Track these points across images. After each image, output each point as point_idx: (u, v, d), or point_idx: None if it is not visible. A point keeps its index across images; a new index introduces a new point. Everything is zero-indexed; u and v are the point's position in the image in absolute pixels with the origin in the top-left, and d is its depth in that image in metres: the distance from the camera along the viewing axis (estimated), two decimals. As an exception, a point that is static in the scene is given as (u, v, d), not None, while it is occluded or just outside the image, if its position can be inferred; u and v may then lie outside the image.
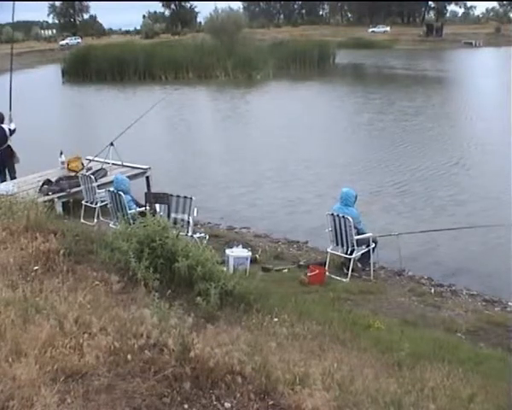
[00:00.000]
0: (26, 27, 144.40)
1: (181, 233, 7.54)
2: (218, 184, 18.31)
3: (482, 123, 27.38)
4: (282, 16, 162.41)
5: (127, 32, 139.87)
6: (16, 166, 15.56)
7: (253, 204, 16.23)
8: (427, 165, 19.68)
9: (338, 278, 10.53)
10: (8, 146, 15.32)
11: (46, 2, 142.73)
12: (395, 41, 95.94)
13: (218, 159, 22.22)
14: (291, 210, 15.55)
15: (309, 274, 10.05)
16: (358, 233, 10.72)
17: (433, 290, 10.41)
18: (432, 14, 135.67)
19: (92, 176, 13.96)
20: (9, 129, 15.30)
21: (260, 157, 21.80)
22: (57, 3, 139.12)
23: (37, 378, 3.87)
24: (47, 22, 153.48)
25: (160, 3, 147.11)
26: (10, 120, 15.32)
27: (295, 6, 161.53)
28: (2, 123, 15.32)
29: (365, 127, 27.65)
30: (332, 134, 26.45)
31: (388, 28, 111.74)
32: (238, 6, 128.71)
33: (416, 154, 21.68)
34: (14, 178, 15.42)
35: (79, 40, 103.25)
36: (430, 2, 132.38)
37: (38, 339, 4.27)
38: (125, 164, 15.97)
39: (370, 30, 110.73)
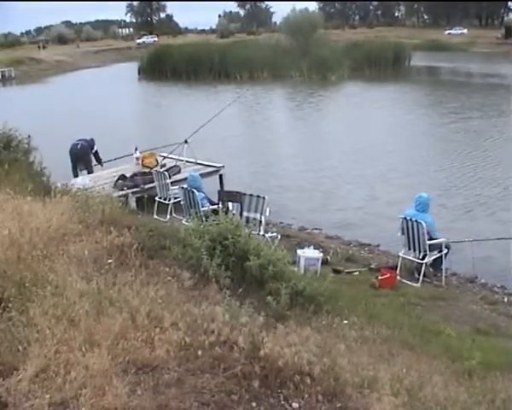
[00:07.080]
0: (105, 26, 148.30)
1: (253, 232, 7.56)
2: (291, 184, 18.25)
3: None
4: (357, 17, 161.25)
5: (202, 31, 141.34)
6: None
7: (326, 206, 16.11)
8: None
9: (409, 282, 10.36)
10: (88, 154, 15.95)
11: (124, 2, 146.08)
12: (472, 44, 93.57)
13: (293, 160, 22.08)
14: (365, 213, 15.36)
15: (380, 278, 9.93)
16: (431, 239, 10.51)
17: (506, 299, 10.10)
18: (511, 15, 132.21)
19: (166, 173, 14.15)
20: (96, 152, 16.33)
21: (340, 161, 21.49)
22: (135, 3, 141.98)
23: (109, 369, 3.96)
24: (124, 21, 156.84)
25: (235, 3, 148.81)
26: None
27: (371, 7, 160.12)
28: (93, 148, 16.27)
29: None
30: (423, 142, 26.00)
31: (465, 30, 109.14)
32: (314, 6, 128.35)
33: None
34: (91, 172, 15.86)
35: (156, 39, 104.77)
36: (510, 3, 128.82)
37: (111, 331, 4.36)
38: (198, 162, 16.13)
39: (447, 32, 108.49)
